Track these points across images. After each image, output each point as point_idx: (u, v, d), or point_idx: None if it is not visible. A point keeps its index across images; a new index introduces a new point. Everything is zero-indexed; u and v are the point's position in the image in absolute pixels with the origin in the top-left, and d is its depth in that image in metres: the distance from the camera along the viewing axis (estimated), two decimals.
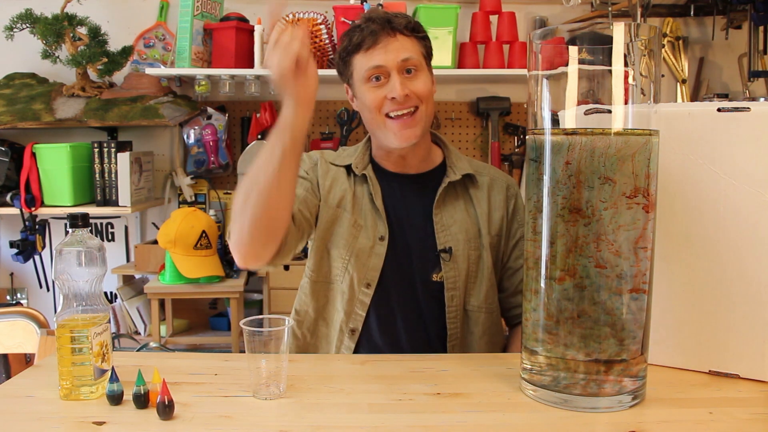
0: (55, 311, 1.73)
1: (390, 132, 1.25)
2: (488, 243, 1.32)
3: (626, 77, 0.86)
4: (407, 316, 1.29)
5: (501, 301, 1.37)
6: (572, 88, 0.86)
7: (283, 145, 1.05)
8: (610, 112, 0.85)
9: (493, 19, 2.54)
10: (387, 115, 1.24)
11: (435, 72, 1.34)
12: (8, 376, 1.83)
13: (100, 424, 0.83)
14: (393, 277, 1.29)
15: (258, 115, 2.54)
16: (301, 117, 1.05)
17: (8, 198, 2.37)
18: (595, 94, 0.87)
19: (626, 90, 0.86)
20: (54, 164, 2.37)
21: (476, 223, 1.33)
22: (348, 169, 1.34)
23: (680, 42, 2.68)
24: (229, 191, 2.67)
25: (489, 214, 1.34)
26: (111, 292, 2.60)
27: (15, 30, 2.36)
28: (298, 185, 1.30)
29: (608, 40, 0.84)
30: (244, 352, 0.95)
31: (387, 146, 1.30)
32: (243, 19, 2.43)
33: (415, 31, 1.27)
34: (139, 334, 2.46)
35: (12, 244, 2.45)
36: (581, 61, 0.86)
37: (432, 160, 1.37)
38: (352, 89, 1.31)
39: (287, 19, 2.34)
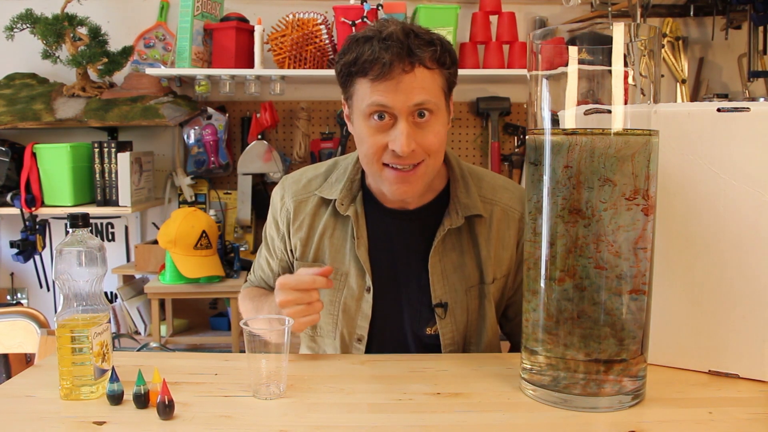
0: (56, 311, 1.73)
1: (385, 181, 1.08)
2: (491, 291, 1.18)
3: (626, 77, 0.86)
4: None
5: (503, 326, 1.28)
6: (572, 88, 0.86)
7: None
8: (609, 112, 0.85)
9: (493, 19, 2.54)
10: (384, 164, 1.07)
11: None
12: (8, 376, 1.83)
13: (100, 424, 0.83)
14: (384, 329, 1.21)
15: (258, 115, 2.54)
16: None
17: (8, 198, 2.37)
18: (595, 94, 0.87)
19: (626, 90, 0.86)
20: (54, 164, 2.37)
21: (479, 268, 1.17)
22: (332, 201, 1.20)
23: (680, 42, 2.68)
24: (229, 191, 2.67)
25: (496, 256, 1.18)
26: (111, 292, 2.60)
27: (15, 30, 2.36)
28: (273, 263, 1.29)
29: (608, 41, 0.83)
30: (244, 352, 0.95)
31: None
32: (243, 19, 2.43)
33: (441, 62, 1.03)
34: (140, 334, 2.46)
35: (12, 244, 2.45)
36: (581, 61, 0.86)
37: (434, 187, 1.18)
38: (350, 110, 1.11)
39: (287, 19, 2.34)
